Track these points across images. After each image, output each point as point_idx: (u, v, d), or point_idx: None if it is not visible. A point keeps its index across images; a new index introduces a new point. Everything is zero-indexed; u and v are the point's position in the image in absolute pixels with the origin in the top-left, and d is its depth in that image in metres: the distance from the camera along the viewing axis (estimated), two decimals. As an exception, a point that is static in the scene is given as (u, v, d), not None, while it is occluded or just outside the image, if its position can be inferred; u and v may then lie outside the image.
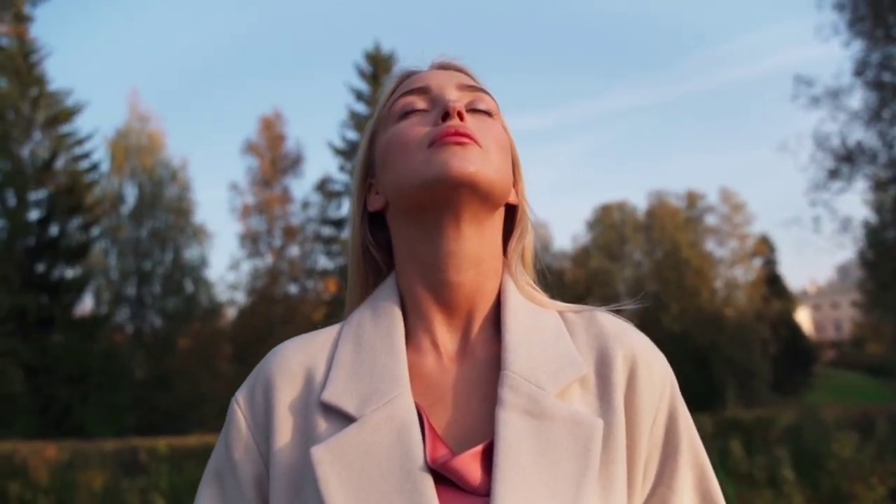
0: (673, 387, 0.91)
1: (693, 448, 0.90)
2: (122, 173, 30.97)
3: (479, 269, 0.91)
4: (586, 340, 0.89)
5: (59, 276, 24.54)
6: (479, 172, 0.85)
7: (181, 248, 32.09)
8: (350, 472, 0.78)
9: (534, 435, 0.79)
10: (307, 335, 0.95)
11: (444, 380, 0.88)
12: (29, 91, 24.11)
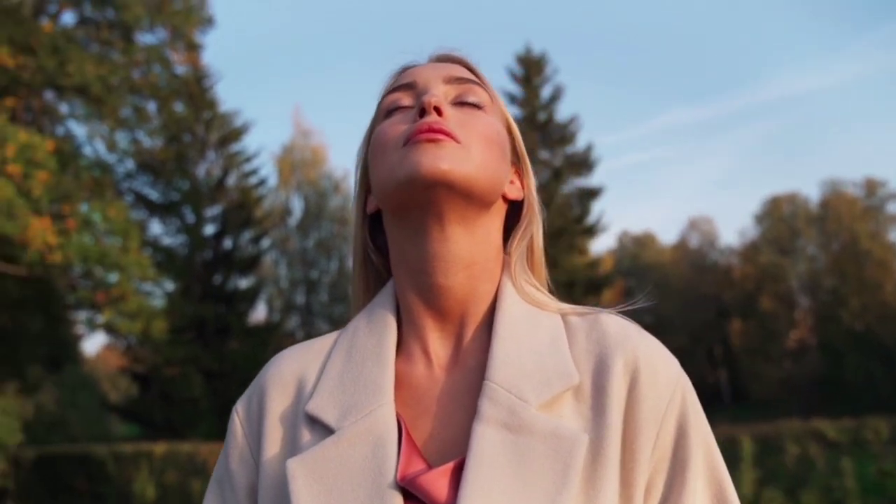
0: (685, 396, 0.82)
1: (709, 462, 0.81)
2: (288, 187, 32.56)
3: (471, 271, 0.85)
4: (586, 346, 0.82)
5: (234, 287, 26.00)
6: (452, 171, 0.80)
7: (345, 257, 33.29)
8: (322, 486, 0.75)
9: (510, 450, 0.73)
10: (305, 343, 0.92)
11: (432, 390, 0.83)
12: (202, 114, 25.74)
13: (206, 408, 23.02)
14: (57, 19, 18.15)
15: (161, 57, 19.08)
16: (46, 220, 12.68)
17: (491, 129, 0.86)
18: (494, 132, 0.86)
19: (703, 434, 0.81)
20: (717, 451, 0.82)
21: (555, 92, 25.23)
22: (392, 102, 0.89)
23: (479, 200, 0.83)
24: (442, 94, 0.87)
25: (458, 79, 0.89)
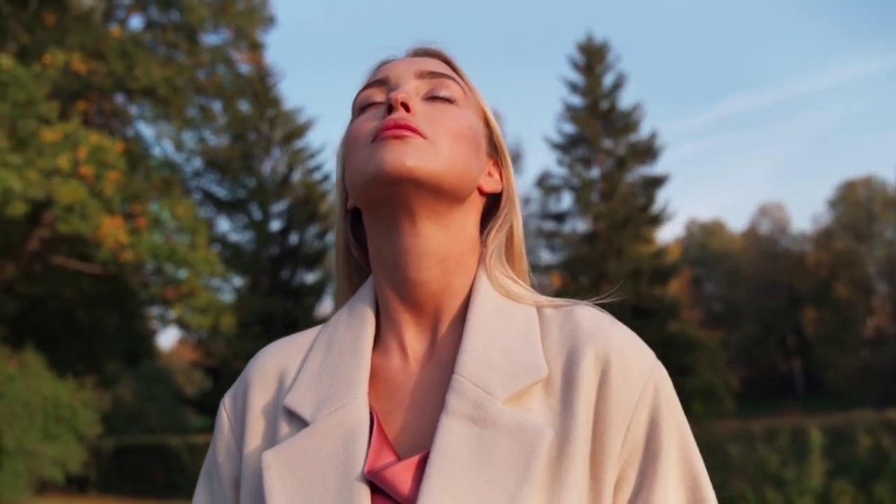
0: (657, 388, 0.80)
1: (684, 455, 0.80)
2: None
3: (445, 265, 0.84)
4: (559, 339, 0.81)
5: (301, 282, 26.39)
6: (418, 167, 0.79)
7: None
8: (294, 478, 0.76)
9: (474, 443, 0.74)
10: (290, 337, 0.93)
11: (406, 383, 0.83)
12: (267, 112, 26.15)
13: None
14: (125, 24, 18.66)
15: (225, 57, 19.46)
16: (118, 219, 13.09)
17: (461, 123, 0.86)
18: (465, 126, 0.86)
19: (677, 427, 0.80)
20: (694, 445, 0.81)
21: (617, 80, 24.91)
22: (365, 99, 0.89)
23: (450, 195, 0.83)
24: (413, 89, 0.87)
25: (430, 73, 0.89)
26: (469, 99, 0.91)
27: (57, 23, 15.80)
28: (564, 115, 25.52)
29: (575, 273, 24.54)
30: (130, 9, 18.86)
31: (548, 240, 26.64)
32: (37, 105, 12.74)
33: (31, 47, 14.89)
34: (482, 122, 0.91)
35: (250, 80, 23.89)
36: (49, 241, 15.82)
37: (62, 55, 13.85)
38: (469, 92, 0.91)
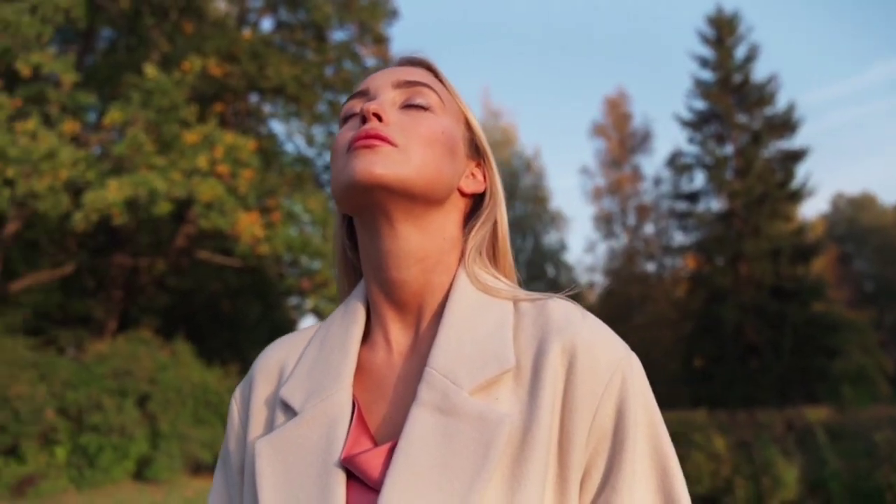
0: (625, 378, 0.82)
1: (655, 446, 0.82)
2: (481, 169, 33.00)
3: (424, 265, 0.89)
4: (532, 332, 0.84)
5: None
6: (387, 174, 0.84)
7: (540, 235, 33.38)
8: (282, 464, 0.83)
9: (439, 432, 0.78)
10: (293, 333, 1.00)
11: (389, 376, 0.88)
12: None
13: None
14: (257, 27, 19.44)
15: (351, 52, 19.95)
16: (254, 214, 13.69)
17: (433, 129, 0.89)
18: (437, 132, 0.89)
19: (646, 417, 0.82)
20: (666, 436, 0.83)
21: (750, 51, 23.91)
22: (348, 110, 0.95)
23: (424, 198, 0.87)
24: (389, 99, 0.91)
25: (407, 82, 0.93)
26: (447, 105, 0.94)
27: (195, 30, 16.63)
28: (694, 91, 24.75)
29: (710, 254, 23.79)
30: (261, 11, 19.63)
31: (680, 220, 25.94)
32: (178, 110, 13.50)
33: (172, 55, 15.75)
34: (462, 127, 0.95)
35: (377, 74, 24.33)
36: (194, 238, 16.74)
37: (199, 61, 14.58)
38: (448, 98, 0.95)
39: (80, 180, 12.08)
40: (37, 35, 12.36)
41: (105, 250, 17.51)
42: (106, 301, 17.94)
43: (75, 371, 13.74)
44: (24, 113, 12.55)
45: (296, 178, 17.42)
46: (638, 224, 29.72)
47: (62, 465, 13.44)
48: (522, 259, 32.94)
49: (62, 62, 12.77)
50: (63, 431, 13.55)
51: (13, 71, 12.72)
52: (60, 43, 17.04)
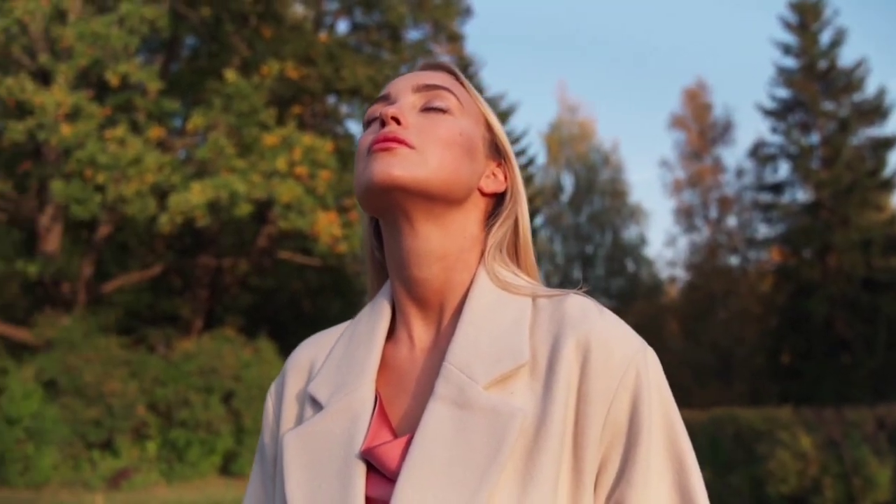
0: (640, 373, 0.82)
1: (671, 441, 0.82)
2: (558, 164, 32.81)
3: (445, 263, 0.91)
4: (548, 327, 0.86)
5: (510, 266, 26.76)
6: (403, 176, 0.86)
7: (619, 230, 32.98)
8: (307, 456, 0.86)
9: (454, 425, 0.80)
10: (325, 331, 1.03)
11: (412, 371, 0.90)
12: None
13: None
14: (333, 29, 19.76)
15: (426, 51, 20.10)
16: (332, 214, 13.93)
17: (451, 131, 0.91)
18: (455, 133, 0.91)
19: (662, 412, 0.82)
20: (682, 431, 0.83)
21: (836, 36, 23.07)
22: (370, 114, 0.97)
23: (442, 198, 0.89)
24: (408, 103, 0.93)
25: (426, 86, 0.95)
26: (466, 108, 0.96)
27: (273, 35, 17.00)
28: (777, 79, 24.03)
29: (796, 246, 23.09)
30: (337, 14, 19.95)
31: (764, 212, 25.24)
32: (258, 113, 13.85)
33: (252, 60, 16.15)
34: (482, 128, 0.97)
35: (453, 72, 24.46)
36: (275, 238, 17.12)
37: (277, 65, 14.92)
38: (468, 101, 0.97)
39: (166, 184, 12.51)
40: (124, 46, 12.84)
41: (191, 251, 18.08)
42: (192, 300, 18.53)
43: (164, 368, 14.23)
44: (113, 121, 13.07)
45: (373, 178, 17.65)
46: (720, 217, 29.05)
47: (153, 459, 13.95)
48: (601, 254, 32.61)
49: (147, 71, 13.24)
50: (153, 427, 14.05)
51: (103, 81, 13.26)
52: (147, 53, 17.66)
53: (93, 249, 16.16)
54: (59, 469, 13.97)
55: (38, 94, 11.72)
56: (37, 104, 11.62)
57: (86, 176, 12.18)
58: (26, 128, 11.85)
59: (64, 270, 15.22)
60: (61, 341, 14.28)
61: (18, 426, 14.05)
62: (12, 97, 11.81)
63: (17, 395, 14.13)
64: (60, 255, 15.51)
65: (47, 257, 15.07)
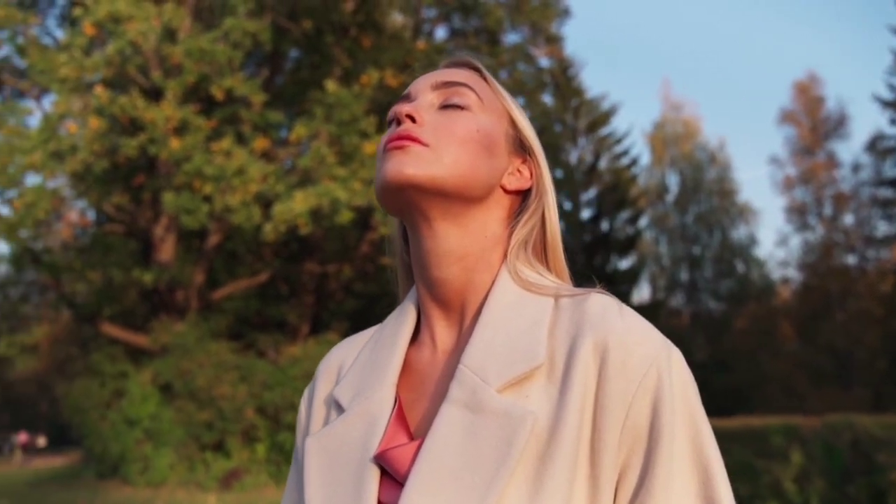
0: (661, 375, 0.77)
1: (694, 445, 0.76)
2: (662, 164, 32.16)
3: (465, 263, 0.89)
4: (567, 328, 0.81)
5: (614, 268, 26.36)
6: (416, 174, 0.84)
7: (728, 230, 32.04)
8: (326, 459, 0.85)
9: (465, 428, 0.78)
10: (355, 335, 1.02)
11: (432, 374, 0.88)
12: (570, 102, 26.47)
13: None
14: (431, 36, 19.93)
15: (525, 54, 20.07)
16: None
17: (468, 127, 0.89)
18: (472, 130, 0.89)
19: (687, 417, 0.77)
20: (710, 438, 0.78)
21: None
22: (391, 114, 0.95)
23: (459, 197, 0.87)
24: (428, 101, 0.92)
25: (445, 83, 0.93)
26: (487, 104, 0.93)
27: (373, 44, 17.28)
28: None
29: (920, 243, 21.91)
30: (435, 21, 20.12)
31: (884, 209, 24.07)
32: (358, 122, 14.09)
33: (352, 69, 16.45)
34: (505, 124, 0.94)
35: (552, 73, 24.37)
36: (377, 244, 17.37)
37: (377, 73, 15.14)
38: (490, 97, 0.94)
39: (270, 193, 12.88)
40: (228, 60, 13.29)
41: (297, 258, 18.54)
42: (298, 306, 19.00)
43: (271, 373, 14.63)
44: (219, 133, 13.55)
45: (472, 182, 17.71)
46: (835, 214, 27.82)
47: (262, 460, 14.35)
48: (709, 255, 31.75)
49: (250, 84, 13.67)
50: (262, 429, 14.46)
51: (210, 95, 13.77)
52: (253, 66, 18.24)
53: (204, 258, 16.79)
54: (175, 469, 14.57)
55: (149, 111, 12.26)
56: (147, 120, 12.16)
57: (194, 187, 12.66)
58: (138, 143, 12.41)
59: (178, 279, 15.85)
60: (176, 346, 14.89)
61: (138, 427, 14.74)
62: (125, 114, 12.39)
63: (136, 398, 14.83)
64: (174, 264, 16.17)
65: (162, 266, 15.74)
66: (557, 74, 25.36)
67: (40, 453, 31.58)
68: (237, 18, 13.50)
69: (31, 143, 12.82)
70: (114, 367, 16.23)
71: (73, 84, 13.00)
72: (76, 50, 13.00)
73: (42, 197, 12.81)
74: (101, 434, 15.48)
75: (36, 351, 20.10)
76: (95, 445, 15.92)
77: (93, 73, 13.19)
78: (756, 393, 26.30)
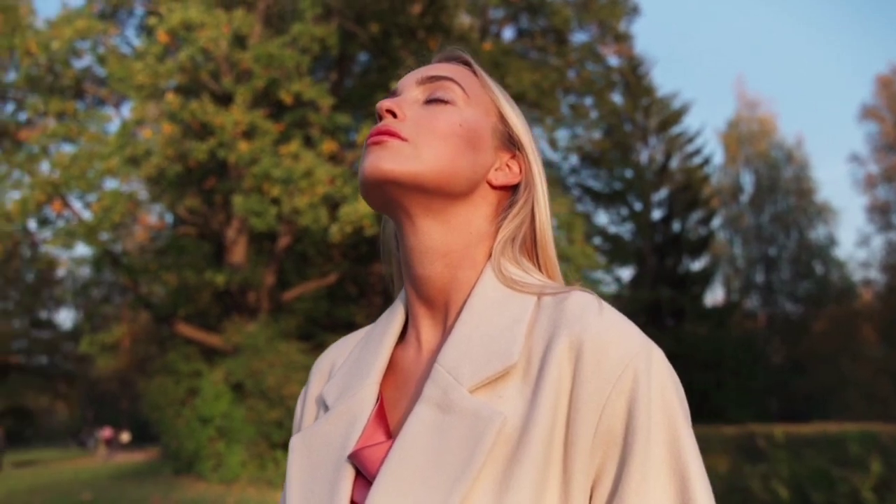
0: (638, 377, 0.73)
1: (672, 450, 0.72)
2: (736, 163, 31.43)
3: (448, 260, 0.87)
4: (545, 327, 0.79)
5: (686, 270, 25.90)
6: (394, 169, 0.83)
7: (805, 230, 31.14)
8: (308, 458, 0.85)
9: (435, 428, 0.76)
10: (350, 334, 1.02)
11: (415, 373, 0.87)
12: (640, 101, 26.11)
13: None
14: (499, 37, 19.90)
15: (593, 53, 19.86)
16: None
17: (450, 122, 0.87)
18: (454, 124, 0.87)
19: (665, 420, 0.74)
20: (689, 441, 0.74)
21: None
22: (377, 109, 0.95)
23: (440, 192, 0.85)
24: (412, 96, 0.91)
25: (430, 78, 0.92)
26: (474, 98, 0.91)
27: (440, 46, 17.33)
28: None
29: None
30: (502, 22, 20.08)
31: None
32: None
33: (419, 72, 16.54)
34: (493, 119, 0.92)
35: (621, 72, 24.08)
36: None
37: (443, 75, 15.19)
38: (478, 92, 0.92)
39: (337, 195, 13.02)
40: (296, 65, 13.51)
41: (365, 260, 18.71)
42: (367, 307, 19.19)
43: (339, 373, 14.80)
44: (287, 136, 13.78)
45: (540, 183, 17.61)
46: (921, 213, 26.80)
47: (330, 460, 14.53)
48: (785, 256, 30.89)
49: (318, 88, 13.86)
50: (330, 429, 14.65)
51: (279, 99, 14.02)
52: (322, 70, 18.50)
53: (274, 260, 17.09)
54: (246, 466, 14.86)
55: (219, 115, 12.55)
56: (217, 124, 12.45)
57: (263, 190, 12.90)
58: (208, 147, 12.71)
59: (249, 280, 16.17)
60: (247, 346, 15.19)
61: (211, 425, 15.09)
62: (196, 119, 12.70)
63: (209, 396, 15.18)
64: (246, 266, 16.50)
65: (234, 268, 16.09)
66: (627, 73, 25.06)
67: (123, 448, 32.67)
68: (305, 24, 13.72)
69: (108, 149, 13.26)
70: (188, 366, 16.66)
71: (149, 91, 13.40)
72: (151, 58, 13.39)
73: (118, 201, 13.24)
74: (176, 431, 15.92)
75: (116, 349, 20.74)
76: (171, 442, 16.38)
77: (166, 79, 13.57)
78: (834, 398, 25.51)
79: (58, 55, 14.19)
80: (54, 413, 46.21)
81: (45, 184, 13.26)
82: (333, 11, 15.38)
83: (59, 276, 38.10)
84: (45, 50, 13.88)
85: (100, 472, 20.09)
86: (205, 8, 13.25)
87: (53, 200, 13.82)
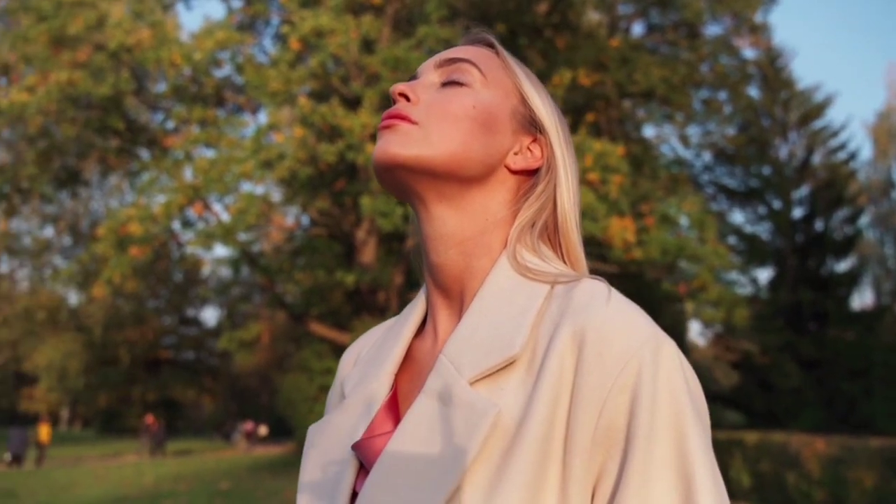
0: (643, 369, 0.68)
1: (677, 449, 0.67)
2: (887, 157, 29.66)
3: (463, 248, 0.85)
4: (553, 317, 0.76)
5: (830, 271, 24.61)
6: (402, 153, 0.81)
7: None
8: (321, 448, 0.85)
9: (434, 420, 0.75)
10: (378, 325, 1.00)
11: (429, 364, 0.84)
12: (779, 95, 25.02)
13: (809, 397, 22.17)
14: (628, 32, 19.52)
15: (727, 45, 19.16)
16: (628, 219, 13.71)
17: (463, 104, 0.85)
18: (466, 107, 0.85)
19: (671, 417, 0.69)
20: (697, 438, 0.69)
21: None
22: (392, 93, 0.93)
23: (452, 177, 0.83)
24: (429, 80, 0.89)
25: (448, 60, 0.89)
26: (493, 80, 0.88)
27: (567, 44, 17.17)
28: None
29: None
30: (631, 17, 19.70)
31: None
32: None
33: (544, 71, 16.43)
34: (513, 101, 0.89)
35: (758, 65, 23.14)
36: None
37: (569, 73, 15.02)
38: (498, 74, 0.89)
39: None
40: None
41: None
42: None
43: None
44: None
45: (671, 181, 17.13)
46: None
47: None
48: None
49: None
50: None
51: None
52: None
53: (402, 260, 17.38)
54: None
55: (347, 118, 12.87)
56: (346, 127, 12.76)
57: (389, 191, 13.13)
58: (337, 149, 13.05)
59: (378, 280, 16.51)
60: (376, 345, 15.50)
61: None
62: (325, 122, 13.08)
63: (339, 394, 15.59)
64: (375, 266, 16.86)
65: (363, 268, 16.47)
66: (764, 66, 24.08)
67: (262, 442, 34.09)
68: (431, 26, 13.87)
69: (244, 153, 13.84)
70: (320, 364, 17.20)
71: (283, 97, 13.91)
72: (283, 65, 13.89)
73: (252, 203, 13.79)
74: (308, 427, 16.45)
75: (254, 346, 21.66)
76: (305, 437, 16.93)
77: (299, 85, 14.04)
78: None
79: (200, 65, 14.93)
80: (201, 406, 48.74)
81: (187, 187, 13.97)
82: (459, 13, 15.49)
83: (204, 276, 40.17)
84: (189, 61, 14.62)
85: (239, 464, 21.01)
86: (335, 15, 13.62)
87: (194, 203, 14.54)
